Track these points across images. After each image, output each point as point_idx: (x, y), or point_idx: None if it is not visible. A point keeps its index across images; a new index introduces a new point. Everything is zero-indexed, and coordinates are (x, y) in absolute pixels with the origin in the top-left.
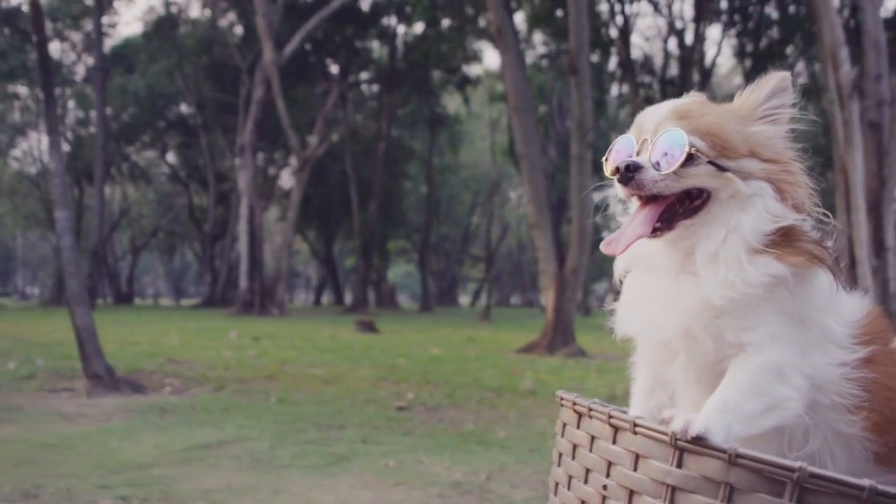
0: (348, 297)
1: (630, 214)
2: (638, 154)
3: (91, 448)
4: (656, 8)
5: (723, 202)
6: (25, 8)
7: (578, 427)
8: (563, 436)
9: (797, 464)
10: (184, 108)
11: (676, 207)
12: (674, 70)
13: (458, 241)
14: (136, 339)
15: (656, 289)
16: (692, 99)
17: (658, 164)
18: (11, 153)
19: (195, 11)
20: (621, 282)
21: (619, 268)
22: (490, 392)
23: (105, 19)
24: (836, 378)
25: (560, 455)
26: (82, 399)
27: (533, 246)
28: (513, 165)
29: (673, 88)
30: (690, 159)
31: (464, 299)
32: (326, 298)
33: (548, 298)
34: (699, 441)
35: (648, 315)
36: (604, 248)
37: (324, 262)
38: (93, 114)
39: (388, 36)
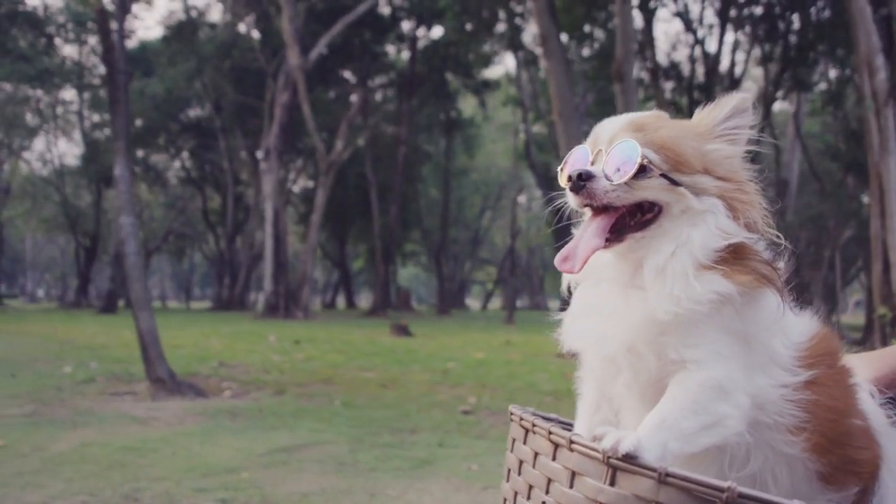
0: (358, 300)
1: (581, 226)
2: (593, 164)
3: (174, 452)
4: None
5: (674, 217)
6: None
7: (525, 443)
8: (511, 451)
9: (726, 483)
10: (200, 112)
11: (627, 220)
12: (695, 77)
13: (468, 245)
14: (179, 342)
15: (603, 302)
16: (650, 113)
17: (610, 174)
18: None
19: (215, 15)
20: (569, 292)
21: (567, 278)
22: (548, 396)
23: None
24: (778, 399)
25: (509, 470)
26: (148, 402)
27: (541, 249)
28: (528, 169)
29: (700, 94)
30: (643, 171)
31: (470, 302)
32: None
33: None
34: (630, 459)
35: (594, 329)
36: (559, 264)
37: (337, 265)
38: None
39: (407, 40)
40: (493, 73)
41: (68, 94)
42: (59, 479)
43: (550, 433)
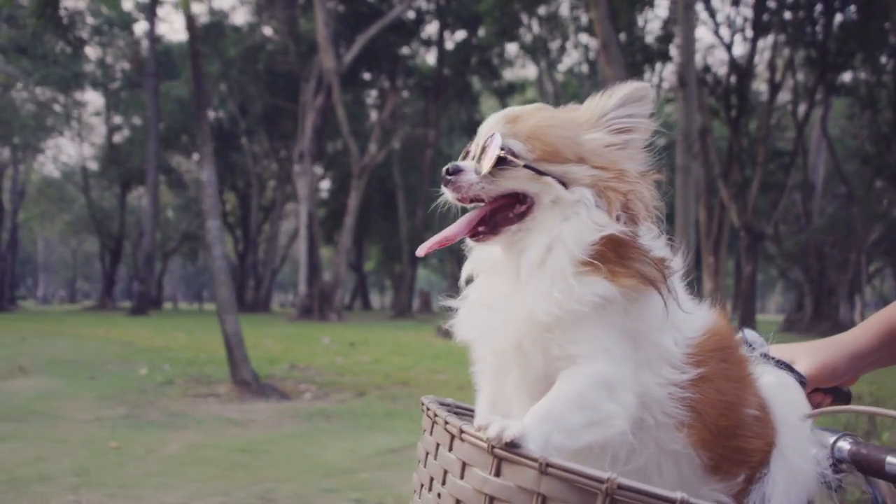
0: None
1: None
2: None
3: (286, 453)
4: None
5: (546, 208)
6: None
7: (431, 434)
8: (420, 442)
9: (606, 474)
10: (222, 114)
11: (506, 212)
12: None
13: None
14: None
15: (493, 295)
16: (532, 105)
17: (478, 168)
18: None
19: (241, 18)
20: (466, 283)
21: (465, 272)
22: None
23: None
24: (664, 397)
25: (419, 461)
26: (235, 404)
27: None
28: None
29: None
30: (505, 162)
31: None
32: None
33: None
34: (513, 448)
35: (484, 322)
36: (419, 250)
37: (354, 268)
38: (134, 119)
39: (433, 44)
40: (511, 74)
41: (87, 95)
42: (187, 480)
43: (446, 423)
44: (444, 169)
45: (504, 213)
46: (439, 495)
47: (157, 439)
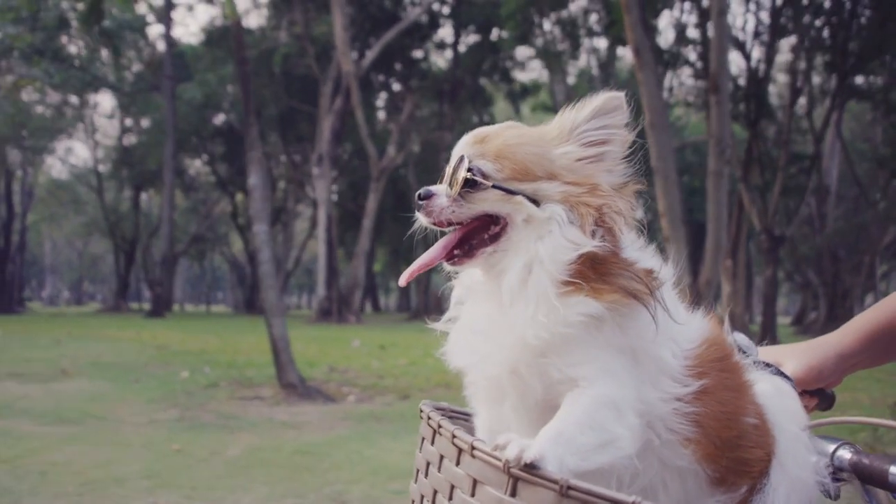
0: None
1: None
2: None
3: (347, 455)
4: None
5: (519, 228)
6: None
7: (433, 444)
8: (420, 451)
9: (631, 498)
10: (234, 116)
11: (481, 234)
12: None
13: None
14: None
15: (482, 320)
16: (502, 124)
17: (449, 191)
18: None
19: (254, 21)
20: (455, 309)
21: (454, 297)
22: None
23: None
24: (669, 414)
25: (417, 471)
26: (283, 407)
27: None
28: None
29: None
30: (474, 184)
31: None
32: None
33: None
34: (532, 469)
35: (476, 348)
36: (400, 280)
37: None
38: (143, 122)
39: (445, 47)
40: (523, 77)
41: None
42: (256, 482)
43: (454, 437)
44: (417, 193)
45: (479, 234)
46: None
47: (216, 442)
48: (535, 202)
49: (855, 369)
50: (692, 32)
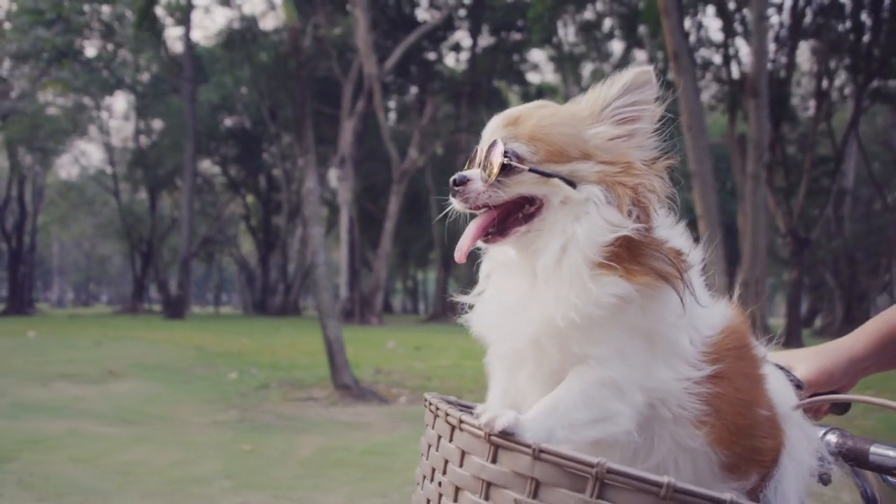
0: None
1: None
2: (479, 164)
3: (416, 455)
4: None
5: (556, 209)
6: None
7: (433, 427)
8: (423, 437)
9: (596, 459)
10: (249, 118)
11: (516, 214)
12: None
13: None
14: (303, 349)
15: (511, 295)
16: (534, 103)
17: (484, 176)
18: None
19: (269, 23)
20: (484, 282)
21: (483, 271)
22: None
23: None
24: (680, 392)
25: (421, 455)
26: (340, 408)
27: None
28: None
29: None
30: (510, 168)
31: None
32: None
33: None
34: (507, 435)
35: (502, 321)
36: (456, 257)
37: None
38: (155, 123)
39: (460, 49)
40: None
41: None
42: (337, 482)
43: (447, 415)
44: (451, 179)
45: (513, 214)
46: (440, 484)
47: (285, 442)
48: (572, 183)
49: (867, 373)
50: (715, 35)
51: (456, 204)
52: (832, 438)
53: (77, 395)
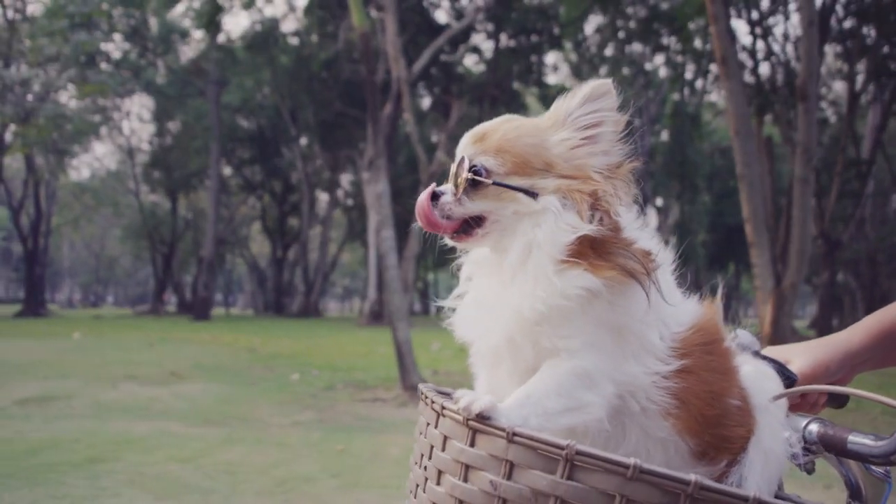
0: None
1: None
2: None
3: None
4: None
5: (518, 217)
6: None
7: (424, 416)
8: (417, 426)
9: (566, 441)
10: (266, 120)
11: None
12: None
13: None
14: (355, 350)
15: (486, 294)
16: (501, 118)
17: (454, 190)
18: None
19: (289, 26)
20: (464, 285)
21: (463, 273)
22: None
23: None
24: (649, 386)
25: (414, 444)
26: (412, 409)
27: None
28: None
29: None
30: (476, 183)
31: None
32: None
33: (764, 313)
34: (483, 420)
35: (479, 321)
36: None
37: None
38: (174, 125)
39: (479, 51)
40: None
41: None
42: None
43: (432, 402)
44: (429, 194)
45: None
46: (426, 468)
47: (372, 442)
48: (533, 194)
49: (864, 368)
50: (744, 39)
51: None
52: (814, 428)
53: (150, 395)
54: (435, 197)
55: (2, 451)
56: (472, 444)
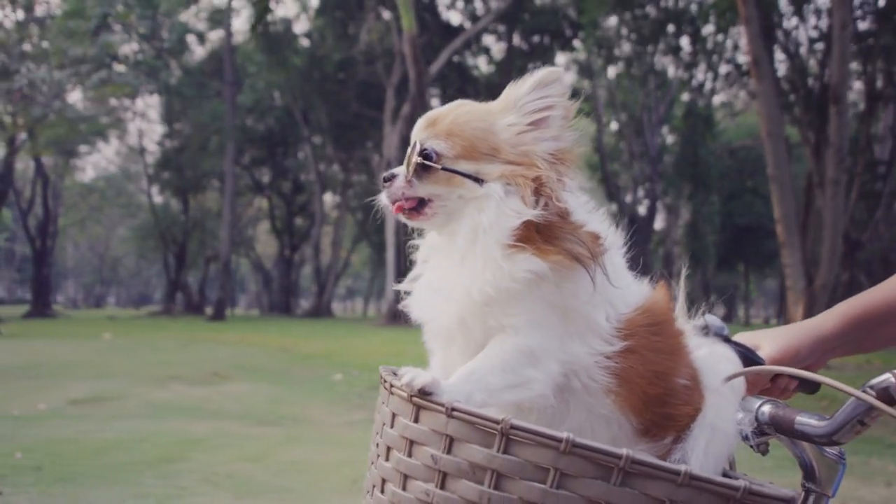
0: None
1: None
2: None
3: None
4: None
5: (464, 201)
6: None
7: (380, 395)
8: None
9: (502, 416)
10: (277, 120)
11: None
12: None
13: None
14: (388, 350)
15: (438, 277)
16: (454, 103)
17: (405, 172)
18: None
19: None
20: (420, 267)
21: (419, 256)
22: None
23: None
24: (592, 365)
25: (374, 423)
26: None
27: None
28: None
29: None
30: (425, 167)
31: None
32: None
33: (795, 314)
34: (426, 395)
35: (432, 302)
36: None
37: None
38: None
39: (489, 52)
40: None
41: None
42: None
43: (384, 380)
44: (382, 176)
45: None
46: (377, 445)
47: None
48: (479, 180)
49: (835, 354)
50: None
51: (382, 199)
52: (766, 409)
53: (199, 396)
54: (387, 179)
55: (69, 450)
56: (416, 420)
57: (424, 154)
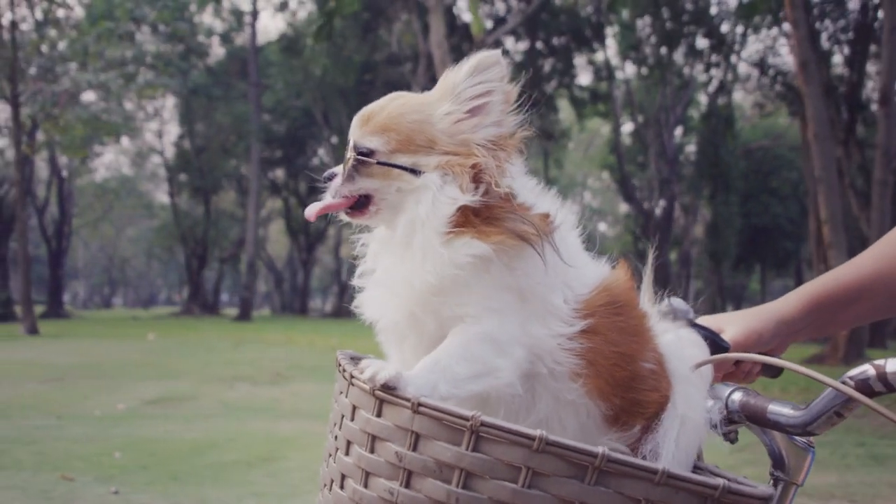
0: None
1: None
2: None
3: None
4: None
5: (402, 194)
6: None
7: (337, 383)
8: (333, 393)
9: (472, 412)
10: (294, 123)
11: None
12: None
13: None
14: None
15: (385, 273)
16: (389, 96)
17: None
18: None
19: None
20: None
21: (369, 252)
22: None
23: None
24: (554, 348)
25: (330, 414)
26: None
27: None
28: (616, 183)
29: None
30: (361, 163)
31: None
32: None
33: None
34: (389, 389)
35: (379, 298)
36: (305, 213)
37: None
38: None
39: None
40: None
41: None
42: None
43: (343, 370)
44: (323, 176)
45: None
46: (336, 438)
47: None
48: (416, 172)
49: (799, 337)
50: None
51: (327, 198)
52: (737, 397)
53: (269, 396)
54: (328, 178)
55: (164, 449)
56: (379, 415)
57: (359, 151)
